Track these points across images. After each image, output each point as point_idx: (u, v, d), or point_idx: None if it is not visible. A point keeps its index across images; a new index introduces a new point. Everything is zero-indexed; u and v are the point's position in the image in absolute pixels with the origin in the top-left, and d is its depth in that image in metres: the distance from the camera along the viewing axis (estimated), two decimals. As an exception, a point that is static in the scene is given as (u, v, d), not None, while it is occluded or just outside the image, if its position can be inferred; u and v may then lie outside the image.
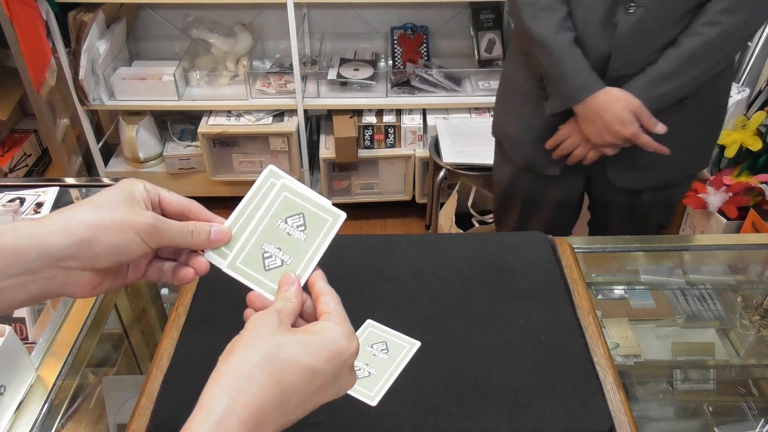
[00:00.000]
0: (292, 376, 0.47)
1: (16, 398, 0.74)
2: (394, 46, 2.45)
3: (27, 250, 0.48)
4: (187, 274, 0.56)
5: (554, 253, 0.88)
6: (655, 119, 1.15)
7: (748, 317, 1.06)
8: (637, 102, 1.14)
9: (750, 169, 1.96)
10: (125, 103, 2.33)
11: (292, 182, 0.57)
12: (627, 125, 1.14)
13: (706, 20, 1.09)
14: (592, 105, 1.16)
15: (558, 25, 1.15)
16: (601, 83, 1.16)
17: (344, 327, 0.51)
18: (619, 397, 0.70)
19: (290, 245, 0.56)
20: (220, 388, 0.45)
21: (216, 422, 0.43)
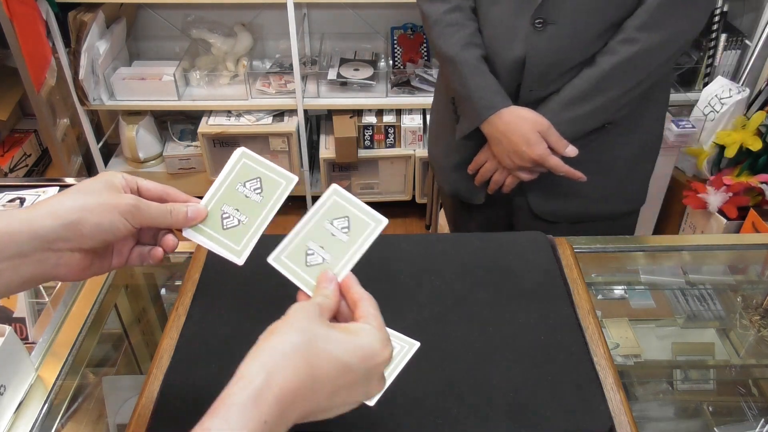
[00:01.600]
0: (325, 366, 0.49)
1: (16, 398, 0.74)
2: (394, 46, 2.45)
3: (18, 234, 0.52)
4: (156, 252, 0.61)
5: (554, 253, 0.88)
6: (565, 141, 1.08)
7: (748, 317, 1.06)
8: (545, 122, 1.07)
9: (750, 169, 1.96)
10: (125, 103, 2.33)
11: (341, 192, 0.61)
12: (533, 146, 1.07)
13: (623, 38, 1.02)
14: (497, 125, 1.10)
15: (464, 42, 1.09)
16: (508, 101, 1.09)
17: (381, 332, 0.54)
18: (619, 397, 0.70)
19: (332, 244, 0.59)
20: (260, 364, 0.47)
21: (254, 394, 0.45)
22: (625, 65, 1.02)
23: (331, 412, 0.52)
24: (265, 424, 0.45)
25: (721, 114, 2.02)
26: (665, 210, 2.24)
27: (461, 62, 1.09)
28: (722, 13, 2.18)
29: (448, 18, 1.11)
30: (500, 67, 1.11)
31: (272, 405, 0.45)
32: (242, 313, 0.77)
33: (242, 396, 0.45)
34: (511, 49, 1.07)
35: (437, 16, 1.12)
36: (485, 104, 1.10)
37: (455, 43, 1.10)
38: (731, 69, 2.28)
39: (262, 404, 0.45)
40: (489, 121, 1.10)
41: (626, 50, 1.02)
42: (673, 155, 2.11)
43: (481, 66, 1.09)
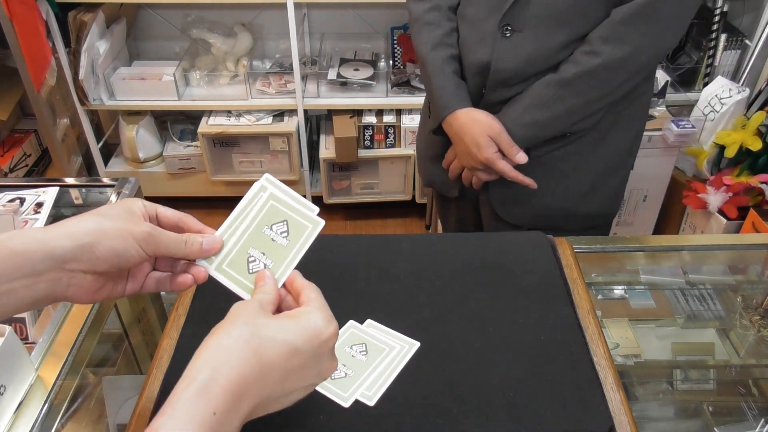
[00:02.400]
0: (271, 351, 0.50)
1: (16, 398, 0.74)
2: (394, 46, 2.45)
3: (34, 253, 0.52)
4: (185, 280, 0.61)
5: (554, 253, 0.88)
6: (516, 147, 1.09)
7: (748, 317, 1.06)
8: (497, 126, 1.08)
9: (750, 169, 1.96)
10: (125, 103, 2.33)
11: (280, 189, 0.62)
12: (483, 149, 1.09)
13: (587, 49, 1.03)
14: (453, 125, 1.13)
15: (436, 42, 1.12)
16: (464, 103, 1.11)
17: (323, 311, 0.55)
18: (619, 397, 0.70)
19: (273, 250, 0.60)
20: (202, 360, 0.48)
21: (199, 390, 0.45)
22: (587, 76, 1.03)
23: (286, 399, 0.53)
24: (215, 415, 0.45)
25: (721, 114, 2.02)
26: (665, 210, 2.24)
27: (429, 61, 1.13)
28: (722, 13, 2.18)
29: (427, 17, 1.14)
30: (468, 69, 1.13)
31: (220, 396, 0.46)
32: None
33: (188, 392, 0.45)
34: (478, 52, 1.10)
35: (417, 14, 1.15)
36: (443, 104, 1.13)
37: (427, 42, 1.13)
38: (731, 69, 2.28)
39: (209, 397, 0.45)
40: (446, 120, 1.14)
41: (588, 61, 1.02)
42: (673, 155, 2.11)
43: (446, 67, 1.12)
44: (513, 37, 1.05)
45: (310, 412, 0.66)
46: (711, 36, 2.21)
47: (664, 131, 2.05)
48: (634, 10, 0.98)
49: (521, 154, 1.09)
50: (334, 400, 0.66)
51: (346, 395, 0.67)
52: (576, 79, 1.03)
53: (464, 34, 1.13)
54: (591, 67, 1.02)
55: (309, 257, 0.85)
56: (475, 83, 1.13)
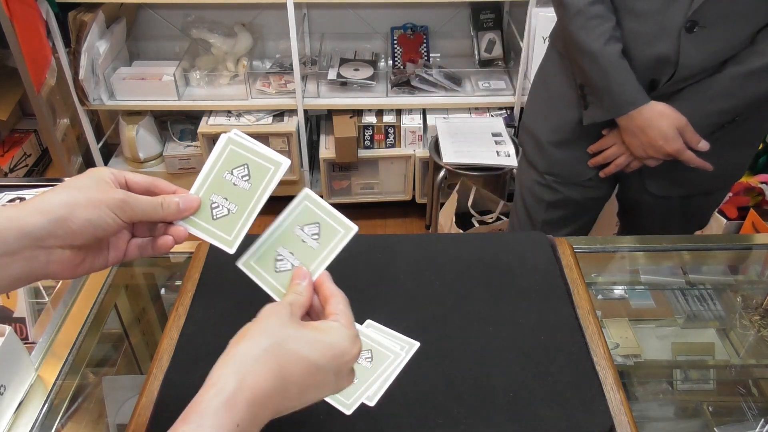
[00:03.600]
0: (295, 367, 0.50)
1: (16, 398, 0.74)
2: (394, 46, 2.45)
3: (6, 232, 0.51)
4: (166, 242, 0.60)
5: (554, 253, 0.88)
6: (699, 137, 1.13)
7: (748, 317, 1.06)
8: (683, 119, 1.12)
9: (750, 169, 1.96)
10: (125, 103, 2.33)
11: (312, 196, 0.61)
12: (671, 142, 1.13)
13: None
14: (636, 120, 1.14)
15: (607, 36, 1.11)
16: (647, 98, 1.13)
17: (350, 330, 0.54)
18: (619, 397, 0.70)
19: (302, 251, 0.59)
20: (231, 370, 0.48)
21: (226, 400, 0.46)
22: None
23: (300, 407, 0.53)
24: (238, 427, 0.45)
25: (721, 114, 2.01)
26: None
27: (603, 57, 1.12)
28: (722, 13, 2.18)
29: (592, 10, 1.11)
30: (639, 62, 1.12)
31: (244, 408, 0.46)
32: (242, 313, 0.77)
33: (215, 402, 0.45)
34: (656, 47, 1.09)
35: (580, 6, 1.12)
36: (627, 99, 1.13)
37: (598, 37, 1.11)
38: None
39: (235, 408, 0.46)
40: (628, 115, 1.15)
41: None
42: (673, 155, 2.10)
43: (623, 62, 1.12)
44: (699, 32, 1.05)
45: (310, 412, 0.66)
46: None
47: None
48: None
49: (703, 142, 1.14)
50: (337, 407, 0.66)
51: (349, 402, 0.67)
52: (763, 70, 1.06)
53: (634, 27, 1.11)
54: None
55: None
56: (644, 76, 1.14)
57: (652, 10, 1.08)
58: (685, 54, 1.08)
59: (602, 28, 1.11)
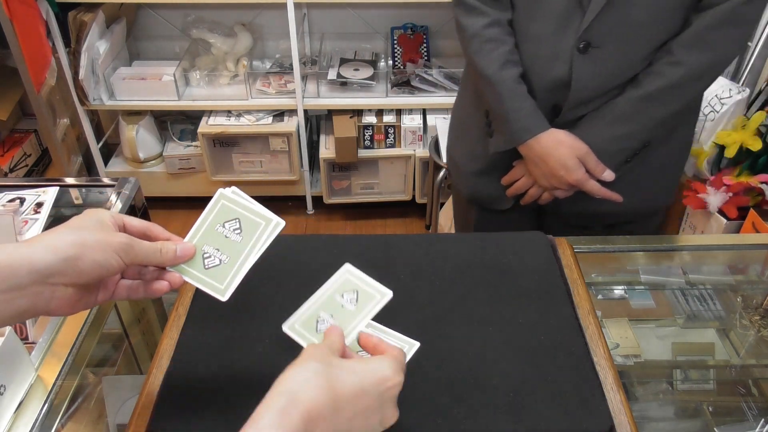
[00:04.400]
0: (345, 387, 0.52)
1: (16, 398, 0.74)
2: (394, 46, 2.45)
3: (18, 267, 0.53)
4: (161, 287, 0.63)
5: (554, 253, 0.88)
6: (603, 166, 1.07)
7: (748, 317, 1.06)
8: (584, 147, 1.06)
9: (750, 169, 1.96)
10: (125, 103, 2.33)
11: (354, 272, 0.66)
12: (571, 171, 1.07)
13: (670, 60, 1.00)
14: (535, 148, 1.09)
15: (503, 60, 1.06)
16: (546, 125, 1.08)
17: (394, 361, 0.57)
18: (619, 397, 0.70)
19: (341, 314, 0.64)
20: (283, 387, 0.50)
21: (279, 411, 0.48)
22: (672, 88, 1.01)
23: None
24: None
25: (721, 114, 2.02)
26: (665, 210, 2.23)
27: (498, 82, 1.07)
28: (722, 13, 2.18)
29: (487, 33, 1.07)
30: (538, 86, 1.08)
31: (297, 420, 0.48)
32: (242, 314, 0.77)
33: (269, 414, 0.48)
34: (552, 69, 1.05)
35: (475, 30, 1.08)
36: (522, 127, 1.08)
37: (493, 61, 1.07)
38: (731, 69, 2.28)
39: (289, 419, 0.47)
40: (527, 144, 1.09)
41: (673, 72, 1.00)
42: (673, 155, 2.11)
43: (519, 87, 1.07)
44: (592, 53, 1.01)
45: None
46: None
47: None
48: (719, 16, 0.96)
49: (608, 171, 1.08)
50: None
51: None
52: (661, 92, 1.01)
53: (531, 51, 1.07)
54: (676, 78, 1.00)
55: (309, 257, 0.85)
56: (546, 101, 1.09)
57: (547, 32, 1.04)
58: (577, 76, 1.03)
59: (498, 51, 1.07)
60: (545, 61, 1.06)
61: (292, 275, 0.82)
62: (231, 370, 0.71)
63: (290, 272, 0.83)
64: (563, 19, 1.01)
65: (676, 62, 1.00)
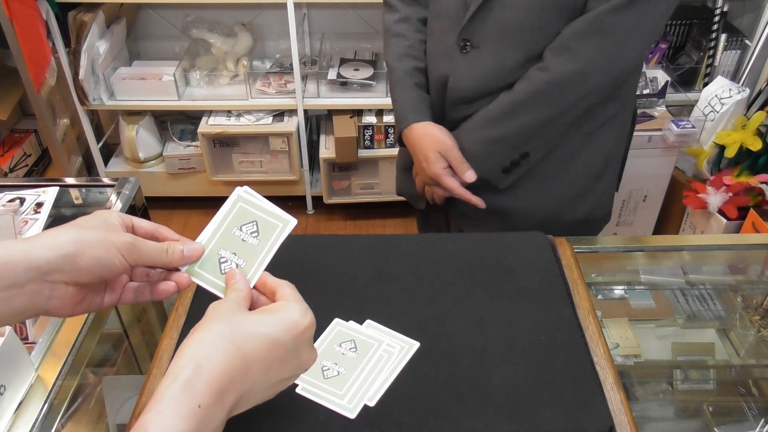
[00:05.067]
0: (252, 343, 0.51)
1: (16, 398, 0.74)
2: (394, 46, 2.45)
3: (16, 264, 0.52)
4: (168, 288, 0.62)
5: (554, 253, 0.88)
6: (467, 165, 1.07)
7: (748, 317, 1.06)
8: (449, 142, 1.07)
9: (750, 169, 1.96)
10: (125, 103, 2.33)
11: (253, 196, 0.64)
12: (431, 164, 1.08)
13: (540, 66, 1.00)
14: (408, 138, 1.12)
15: (401, 53, 1.12)
16: (423, 117, 1.10)
17: (299, 303, 0.56)
18: (619, 397, 0.70)
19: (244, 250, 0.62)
20: (186, 358, 0.48)
21: (184, 384, 0.46)
22: (538, 94, 1.00)
23: (268, 392, 0.53)
24: (200, 408, 0.46)
25: (721, 114, 2.02)
26: (665, 210, 2.24)
27: (393, 72, 1.14)
28: (722, 13, 2.18)
29: (396, 28, 1.14)
30: (431, 83, 1.13)
31: (204, 390, 0.46)
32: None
33: (172, 388, 0.46)
34: (440, 67, 1.09)
35: (387, 24, 1.16)
36: (402, 116, 1.13)
37: (394, 53, 1.14)
38: (731, 69, 2.28)
39: (194, 390, 0.46)
40: (404, 133, 1.13)
41: (540, 78, 0.99)
42: (673, 155, 2.11)
43: (408, 78, 1.12)
44: (471, 53, 1.03)
45: (310, 412, 0.66)
46: (711, 36, 2.21)
47: (664, 131, 2.05)
48: (584, 25, 0.95)
49: (470, 172, 1.07)
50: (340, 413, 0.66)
51: (351, 406, 0.67)
52: (527, 97, 1.01)
53: (430, 47, 1.12)
54: (541, 83, 0.99)
55: (309, 257, 0.85)
56: (438, 98, 1.12)
57: (441, 29, 1.07)
58: (455, 74, 1.05)
59: (399, 45, 1.13)
60: (437, 57, 1.10)
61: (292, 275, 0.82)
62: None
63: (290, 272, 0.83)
64: (453, 18, 1.04)
65: (543, 68, 0.99)
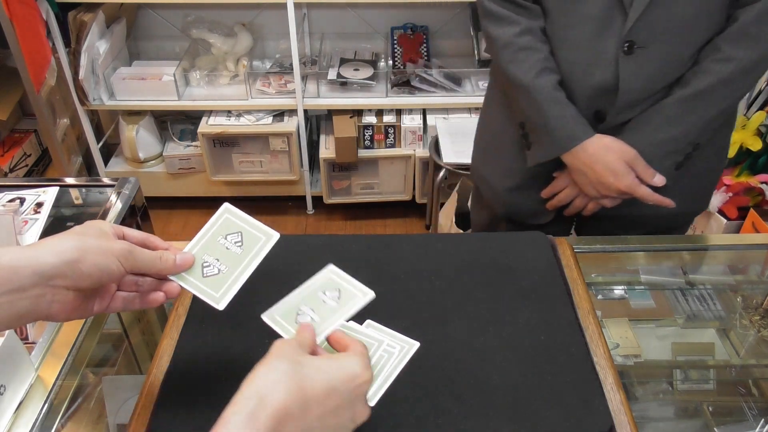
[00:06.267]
0: (314, 386, 0.52)
1: (16, 398, 0.74)
2: (394, 46, 2.45)
3: (22, 269, 0.54)
4: (158, 297, 0.65)
5: (554, 253, 0.88)
6: (653, 170, 1.04)
7: (748, 317, 1.06)
8: (632, 151, 1.03)
9: (750, 169, 1.96)
10: (125, 103, 2.33)
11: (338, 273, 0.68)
12: (621, 177, 1.03)
13: (718, 56, 0.97)
14: (581, 156, 1.05)
15: (539, 68, 1.03)
16: (590, 131, 1.05)
17: (362, 358, 0.57)
18: (619, 397, 0.70)
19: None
20: (253, 390, 0.50)
21: (247, 416, 0.48)
22: (721, 85, 0.98)
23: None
24: None
25: (721, 114, 2.01)
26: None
27: (536, 90, 1.04)
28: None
29: (520, 41, 1.04)
30: (580, 93, 1.05)
31: (266, 423, 0.48)
32: (242, 314, 0.77)
33: (236, 418, 0.48)
34: (594, 74, 1.03)
35: (507, 39, 1.05)
36: (567, 134, 1.05)
37: (529, 70, 1.04)
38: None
39: (257, 422, 0.48)
40: (572, 152, 1.06)
41: (722, 69, 0.97)
42: (673, 155, 2.10)
43: (558, 94, 1.04)
44: (637, 54, 0.98)
45: None
46: None
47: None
48: (763, 9, 0.94)
49: (659, 176, 1.04)
50: None
51: None
52: (711, 90, 0.99)
53: (569, 57, 1.04)
54: (726, 74, 0.97)
55: (309, 257, 0.85)
56: (587, 108, 1.06)
57: (586, 37, 1.01)
58: (624, 79, 1.00)
59: (532, 59, 1.04)
60: (585, 66, 1.03)
61: (292, 275, 0.82)
62: (231, 370, 0.71)
63: (290, 272, 0.83)
64: (603, 22, 0.99)
65: (724, 59, 0.97)
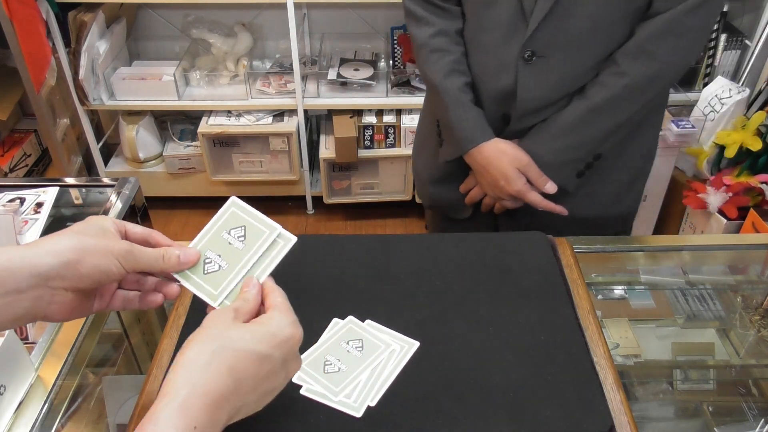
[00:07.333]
0: (244, 363, 0.52)
1: (16, 398, 0.74)
2: (394, 46, 2.45)
3: (19, 270, 0.53)
4: (156, 299, 0.64)
5: (554, 253, 0.88)
6: (546, 177, 1.07)
7: (748, 317, 1.06)
8: (525, 158, 1.06)
9: (750, 169, 1.96)
10: (125, 103, 2.33)
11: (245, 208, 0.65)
12: (511, 182, 1.07)
13: (614, 70, 0.99)
14: (477, 158, 1.10)
15: (448, 69, 1.07)
16: (489, 135, 1.08)
17: (289, 316, 0.57)
18: (619, 397, 0.70)
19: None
20: (181, 378, 0.49)
21: (179, 405, 0.47)
22: (616, 99, 1.00)
23: (258, 403, 0.54)
24: (195, 429, 0.47)
25: (721, 114, 2.02)
26: (665, 210, 2.24)
27: (444, 91, 1.08)
28: (722, 13, 2.18)
29: (433, 42, 1.08)
30: (487, 96, 1.09)
31: (200, 411, 0.48)
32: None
33: (168, 409, 0.47)
34: (499, 79, 1.06)
35: (423, 39, 1.10)
36: (466, 136, 1.09)
37: (438, 71, 1.08)
38: (731, 69, 2.28)
39: (189, 411, 0.47)
40: (470, 153, 1.10)
41: (617, 83, 0.99)
42: (673, 155, 2.11)
43: (463, 96, 1.08)
44: (536, 63, 1.01)
45: (311, 412, 0.66)
46: (711, 36, 2.21)
47: (664, 131, 2.05)
48: (660, 26, 0.96)
49: (550, 184, 1.08)
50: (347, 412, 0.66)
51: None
52: (606, 103, 1.01)
53: (481, 60, 1.08)
54: (619, 88, 1.00)
55: (309, 257, 0.85)
56: (495, 111, 1.10)
57: (494, 42, 1.04)
58: (522, 86, 1.03)
59: (443, 61, 1.07)
60: (493, 70, 1.06)
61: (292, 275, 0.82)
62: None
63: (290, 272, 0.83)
64: (509, 29, 1.02)
65: (620, 72, 0.99)
